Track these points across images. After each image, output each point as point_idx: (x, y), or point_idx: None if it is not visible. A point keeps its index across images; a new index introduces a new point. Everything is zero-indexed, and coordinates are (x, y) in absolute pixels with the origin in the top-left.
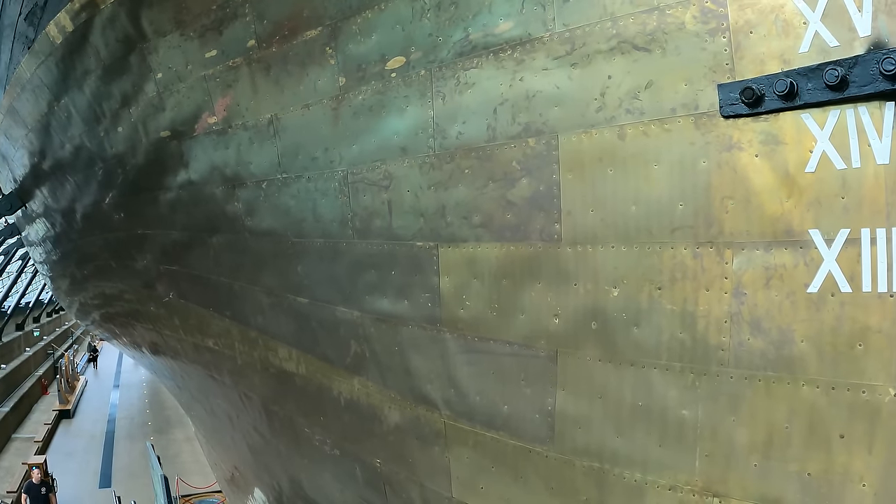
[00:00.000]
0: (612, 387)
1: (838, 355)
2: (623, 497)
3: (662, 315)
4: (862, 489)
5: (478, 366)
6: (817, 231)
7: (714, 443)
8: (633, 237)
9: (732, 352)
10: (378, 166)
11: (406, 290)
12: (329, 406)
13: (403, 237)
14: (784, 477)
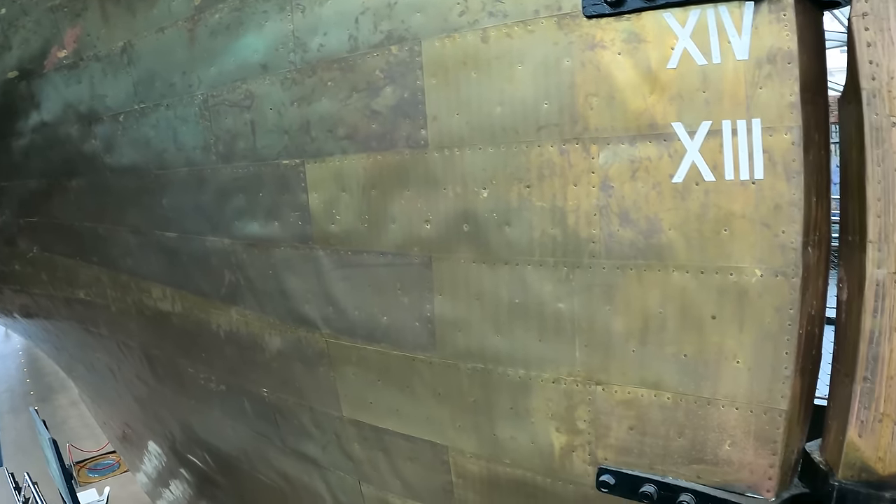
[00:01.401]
0: (488, 287)
1: (705, 241)
2: (509, 395)
3: (533, 212)
4: (736, 366)
5: (353, 280)
6: (680, 124)
7: (592, 333)
8: (499, 138)
9: (603, 243)
10: (238, 86)
11: (275, 210)
12: (209, 341)
13: (269, 157)
14: (662, 360)
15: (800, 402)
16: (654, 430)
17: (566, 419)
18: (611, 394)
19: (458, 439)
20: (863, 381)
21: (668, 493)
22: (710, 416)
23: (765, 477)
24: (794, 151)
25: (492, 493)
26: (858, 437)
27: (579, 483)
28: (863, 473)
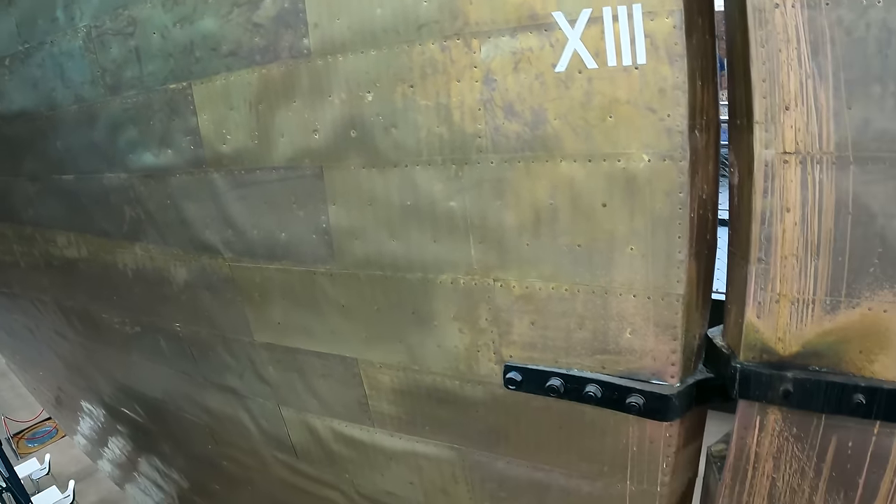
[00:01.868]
0: (379, 192)
1: (591, 129)
2: (410, 300)
3: (418, 112)
4: (630, 253)
5: (249, 199)
6: (560, 13)
7: (485, 230)
8: (381, 40)
9: (489, 138)
10: (121, 13)
11: (167, 138)
12: (118, 282)
13: (156, 83)
14: (556, 252)
15: (697, 286)
16: (555, 324)
17: (468, 319)
18: (509, 290)
19: (366, 350)
20: (757, 262)
21: (575, 385)
22: (608, 305)
23: (668, 363)
24: (676, 35)
25: (405, 403)
26: (757, 318)
27: (487, 383)
28: (764, 355)
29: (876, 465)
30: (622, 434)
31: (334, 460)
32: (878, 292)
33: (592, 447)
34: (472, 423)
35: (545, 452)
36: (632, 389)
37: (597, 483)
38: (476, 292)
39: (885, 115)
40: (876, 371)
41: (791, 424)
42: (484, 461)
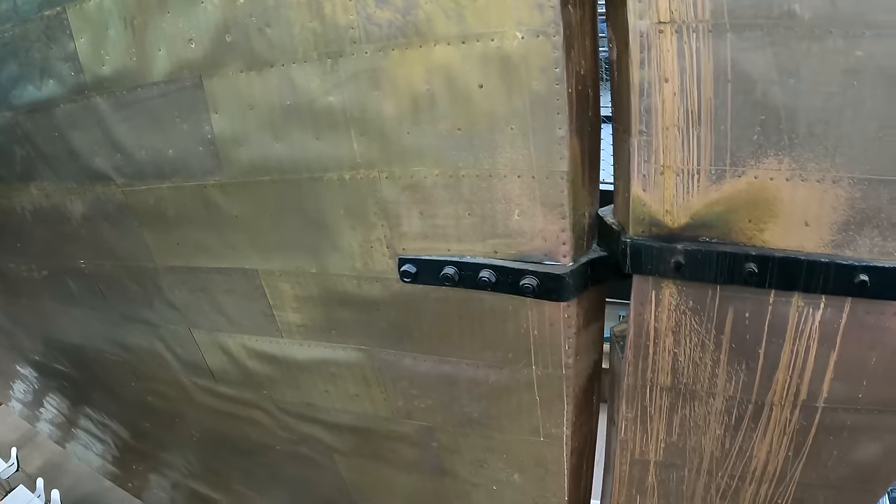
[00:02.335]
0: (259, 95)
1: (462, 9)
2: (299, 202)
3: (290, 9)
4: (511, 132)
5: (133, 119)
6: None
7: (365, 122)
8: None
9: (362, 28)
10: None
11: (47, 67)
12: (19, 228)
13: (31, 11)
14: (437, 138)
15: (581, 163)
16: (443, 212)
17: (358, 215)
18: (394, 181)
19: (265, 260)
20: (639, 135)
21: (469, 273)
22: (494, 188)
23: (559, 242)
24: None
25: (309, 309)
26: (643, 191)
27: (384, 279)
28: (653, 228)
29: (775, 335)
30: (522, 319)
31: (251, 378)
32: (763, 160)
33: (495, 335)
34: (375, 321)
35: (449, 344)
36: (525, 271)
37: (503, 371)
38: (363, 187)
39: None
40: (766, 240)
41: (687, 298)
42: (392, 360)
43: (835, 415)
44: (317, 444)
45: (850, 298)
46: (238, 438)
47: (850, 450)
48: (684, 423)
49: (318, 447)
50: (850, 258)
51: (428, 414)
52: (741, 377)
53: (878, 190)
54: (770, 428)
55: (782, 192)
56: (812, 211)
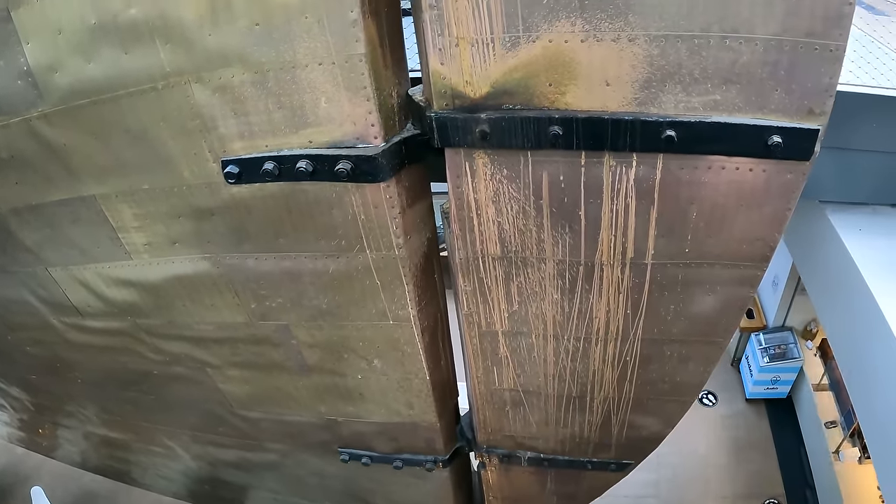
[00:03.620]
0: (65, 18)
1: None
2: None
3: None
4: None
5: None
6: None
7: (167, 29)
8: None
9: None
10: None
11: None
12: None
13: None
14: (237, 35)
15: (380, 44)
16: (254, 108)
17: (177, 124)
18: (204, 85)
19: (100, 185)
20: (430, 9)
21: (288, 166)
22: (298, 78)
23: (367, 124)
24: None
25: (150, 227)
26: (441, 65)
27: (212, 183)
28: (456, 100)
29: (592, 195)
30: (347, 205)
31: (113, 306)
32: (556, 23)
33: (325, 224)
34: (212, 228)
35: (286, 240)
36: (339, 157)
37: (340, 259)
38: (176, 95)
39: None
40: (569, 102)
41: (500, 166)
42: (236, 263)
43: (665, 270)
44: (189, 360)
45: (661, 154)
46: (118, 371)
47: (686, 304)
48: (522, 291)
49: (190, 364)
50: (655, 115)
51: (281, 312)
52: (567, 240)
53: (675, 45)
54: (605, 288)
55: (579, 53)
56: (611, 71)
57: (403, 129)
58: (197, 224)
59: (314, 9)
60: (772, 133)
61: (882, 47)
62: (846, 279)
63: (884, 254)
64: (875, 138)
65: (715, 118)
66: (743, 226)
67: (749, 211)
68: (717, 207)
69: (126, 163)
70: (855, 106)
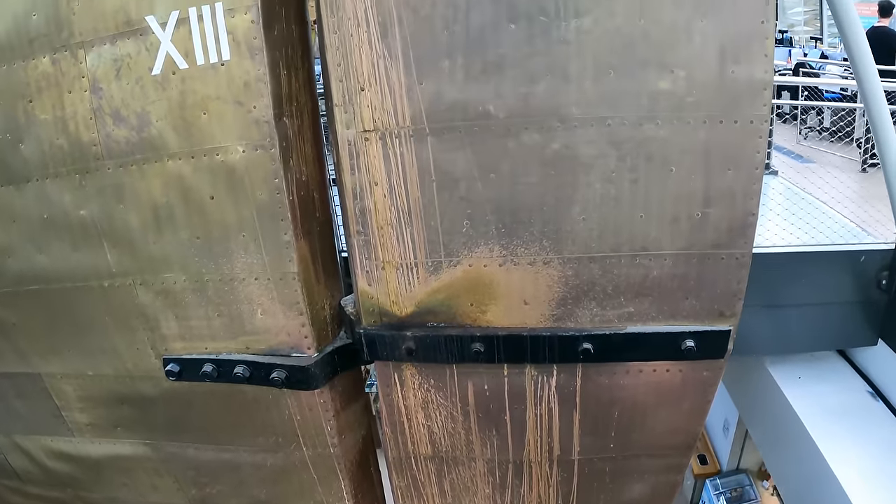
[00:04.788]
0: (19, 208)
1: (189, 127)
2: (68, 307)
3: (39, 126)
4: (243, 239)
5: None
6: (153, 17)
7: (114, 233)
8: (1, 57)
9: (103, 145)
10: None
11: None
12: None
13: None
14: (179, 246)
15: (313, 261)
16: (195, 314)
17: (121, 320)
18: (148, 287)
19: (46, 364)
20: (358, 235)
21: (226, 368)
22: (236, 290)
23: (301, 336)
24: (254, 30)
25: (92, 408)
26: (368, 286)
27: (154, 377)
28: (383, 318)
29: (516, 402)
30: (283, 406)
31: (54, 477)
32: (475, 250)
33: (263, 422)
34: (153, 416)
35: (224, 433)
36: (274, 365)
37: (278, 454)
38: (121, 294)
39: (455, 88)
40: (490, 320)
41: (428, 377)
42: (176, 451)
43: (592, 464)
44: None
45: (579, 364)
46: None
47: (616, 492)
48: (455, 487)
49: None
50: (571, 329)
51: (221, 499)
52: (495, 441)
53: (589, 266)
54: (534, 482)
55: (497, 276)
56: (529, 291)
57: (336, 337)
58: (138, 412)
59: (250, 229)
60: (685, 338)
61: (807, 198)
62: (789, 427)
63: (823, 398)
64: (807, 291)
65: (629, 329)
66: (665, 420)
67: (669, 407)
68: (639, 406)
69: (71, 348)
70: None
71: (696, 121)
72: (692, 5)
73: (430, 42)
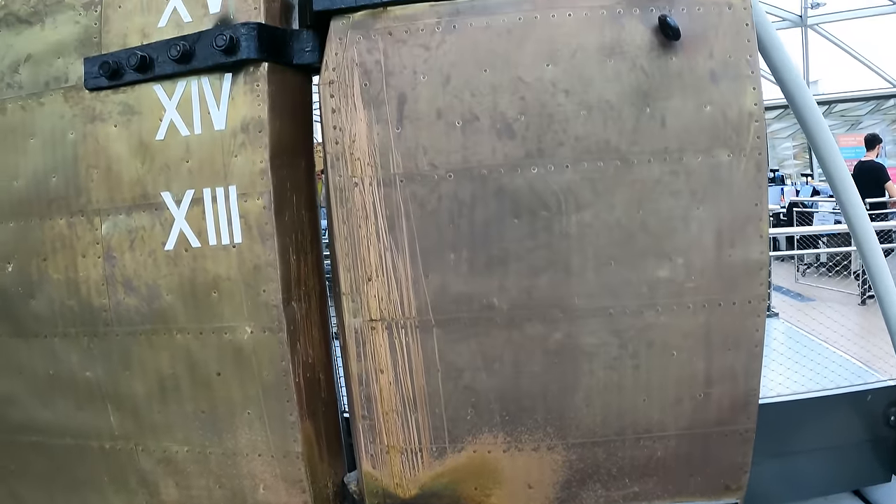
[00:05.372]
0: (26, 361)
1: (199, 303)
2: (68, 463)
3: (51, 285)
4: (249, 416)
5: None
6: (168, 193)
7: (119, 398)
8: (18, 212)
9: (113, 311)
10: None
11: None
12: None
13: None
14: (184, 417)
15: (317, 442)
16: (196, 483)
17: (120, 482)
18: (150, 454)
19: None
20: (362, 419)
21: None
22: (239, 465)
23: None
24: (266, 215)
25: None
26: (372, 468)
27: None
28: (386, 499)
29: None
30: None
31: None
32: (479, 436)
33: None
34: None
35: None
36: None
37: None
38: (122, 457)
39: (460, 280)
40: (494, 503)
41: None
42: None
43: None
44: None
45: None
46: None
47: None
48: None
49: None
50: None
51: None
52: None
53: (593, 450)
54: None
55: (502, 461)
56: (533, 475)
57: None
58: None
59: (256, 408)
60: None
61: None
62: None
63: None
64: (816, 436)
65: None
66: None
67: None
68: None
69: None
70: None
71: (696, 305)
72: (689, 195)
73: (436, 236)
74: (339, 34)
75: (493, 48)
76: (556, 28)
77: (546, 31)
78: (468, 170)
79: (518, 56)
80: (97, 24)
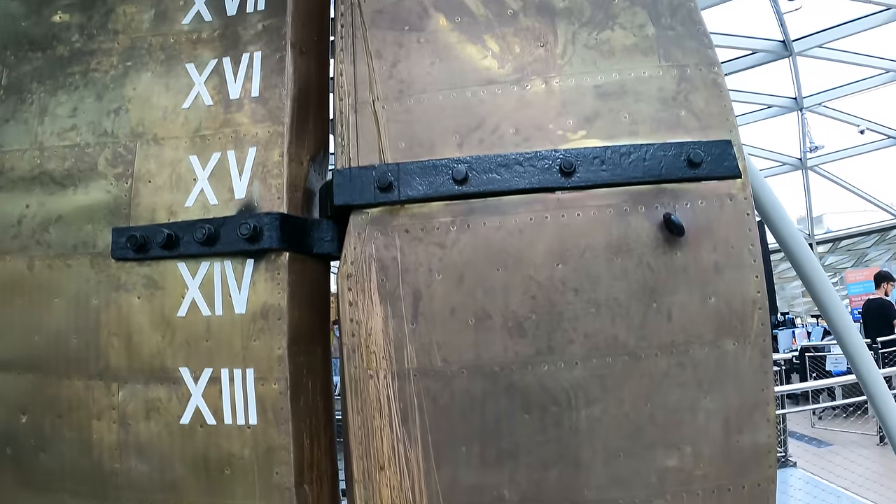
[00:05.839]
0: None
1: (211, 479)
2: None
3: (63, 442)
4: None
5: None
6: (186, 369)
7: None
8: (36, 366)
9: (125, 476)
10: None
11: None
12: None
13: None
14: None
15: None
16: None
17: None
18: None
19: None
20: None
21: None
22: None
23: None
24: (282, 400)
25: None
26: None
27: None
28: None
29: None
30: None
31: None
32: None
33: None
34: None
35: None
36: None
37: None
38: None
39: (471, 473)
40: None
41: None
42: None
43: None
44: None
45: None
46: None
47: None
48: None
49: None
50: None
51: None
52: None
53: None
54: None
55: None
56: None
57: None
58: None
59: None
60: None
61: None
62: None
63: None
64: None
65: None
66: None
67: None
68: None
69: None
70: None
71: (705, 492)
72: (696, 385)
73: (448, 429)
74: (358, 229)
75: (505, 248)
76: (566, 228)
77: (556, 230)
78: (480, 367)
79: (530, 255)
80: (127, 196)
